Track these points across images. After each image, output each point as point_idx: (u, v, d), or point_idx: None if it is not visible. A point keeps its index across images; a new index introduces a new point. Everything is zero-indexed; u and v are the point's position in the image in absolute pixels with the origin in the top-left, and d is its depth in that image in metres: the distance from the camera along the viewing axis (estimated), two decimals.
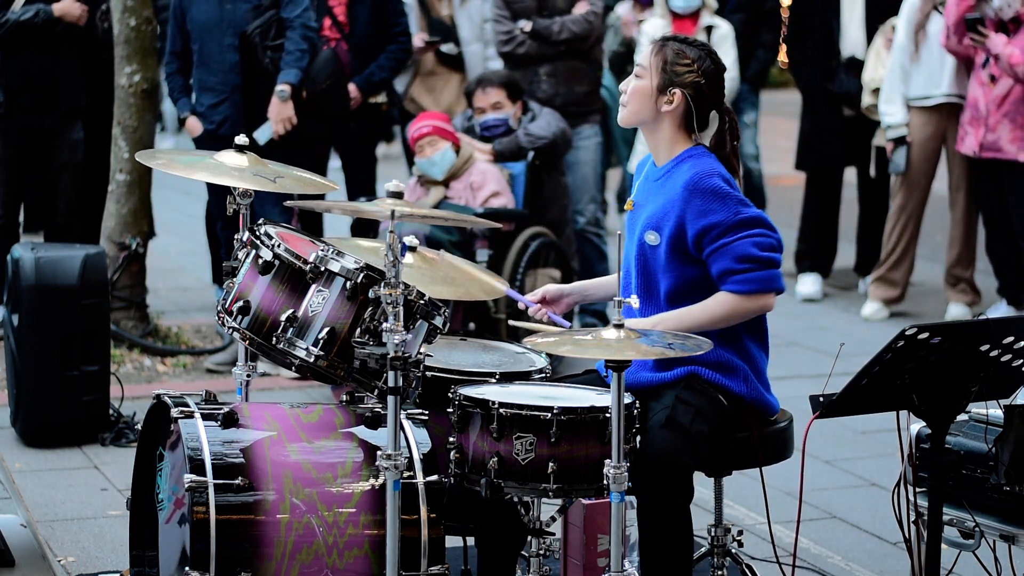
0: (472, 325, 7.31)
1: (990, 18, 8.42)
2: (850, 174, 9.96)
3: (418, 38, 8.74)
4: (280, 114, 7.67)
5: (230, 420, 4.18)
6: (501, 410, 4.10)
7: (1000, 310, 8.81)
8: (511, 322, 4.94)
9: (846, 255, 10.18)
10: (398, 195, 4.21)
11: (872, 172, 9.67)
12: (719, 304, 4.39)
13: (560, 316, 4.70)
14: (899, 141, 9.03)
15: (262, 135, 7.66)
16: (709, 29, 9.30)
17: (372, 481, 4.16)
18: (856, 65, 9.36)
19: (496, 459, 4.10)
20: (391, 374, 3.98)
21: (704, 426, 4.29)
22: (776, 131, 16.29)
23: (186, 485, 4.02)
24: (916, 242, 9.14)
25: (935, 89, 8.90)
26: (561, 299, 4.73)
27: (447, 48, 8.85)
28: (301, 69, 7.71)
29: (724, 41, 9.28)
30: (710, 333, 4.35)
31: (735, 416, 4.42)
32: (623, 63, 10.65)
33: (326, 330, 4.20)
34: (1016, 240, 8.65)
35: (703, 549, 4.71)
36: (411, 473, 4.17)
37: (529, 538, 4.45)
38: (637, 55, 9.19)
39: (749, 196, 4.72)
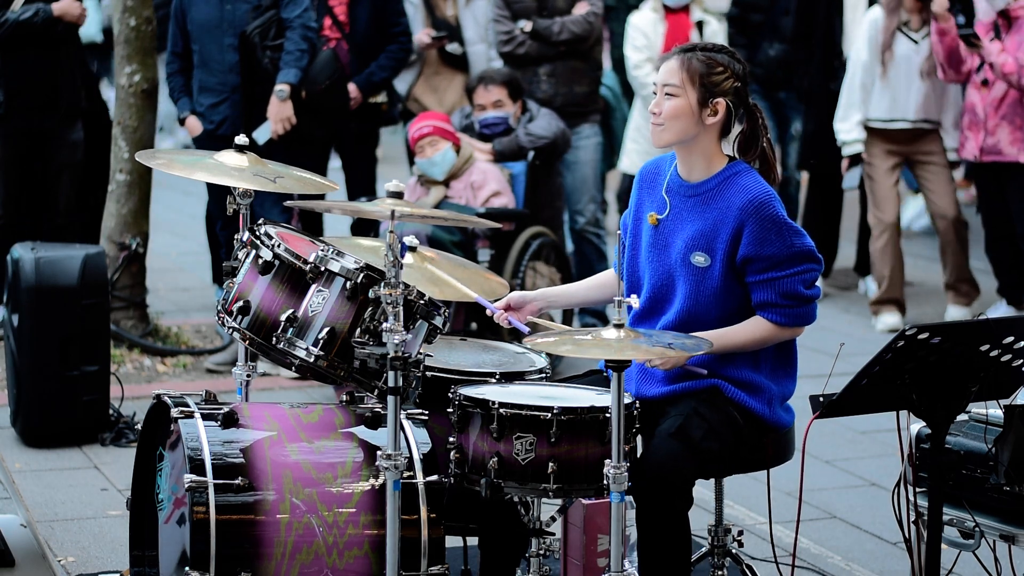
0: (474, 325, 7.31)
1: (982, 22, 8.42)
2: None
3: (423, 34, 8.75)
4: (279, 114, 7.67)
5: (230, 420, 4.18)
6: (501, 410, 4.09)
7: (1000, 310, 8.81)
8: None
9: (846, 255, 10.18)
10: (398, 195, 4.21)
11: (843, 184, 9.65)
12: (755, 329, 4.39)
13: (522, 322, 4.66)
14: (854, 159, 8.97)
15: (261, 135, 7.66)
16: (700, 24, 9.28)
17: (372, 481, 4.16)
18: None
19: (496, 459, 4.09)
20: (391, 374, 3.98)
21: (714, 444, 4.28)
22: None
23: (186, 485, 4.02)
24: (901, 257, 9.07)
25: (899, 114, 8.78)
26: (525, 306, 4.69)
27: (451, 48, 8.84)
28: (300, 69, 7.71)
29: (715, 37, 9.26)
30: (741, 354, 4.39)
31: (750, 434, 4.41)
32: None
33: (326, 330, 4.19)
34: (1018, 242, 8.65)
35: (703, 549, 4.71)
36: (411, 473, 4.17)
37: (529, 538, 4.45)
38: (641, 63, 9.15)
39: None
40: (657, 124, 4.40)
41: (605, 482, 3.97)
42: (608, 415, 4.03)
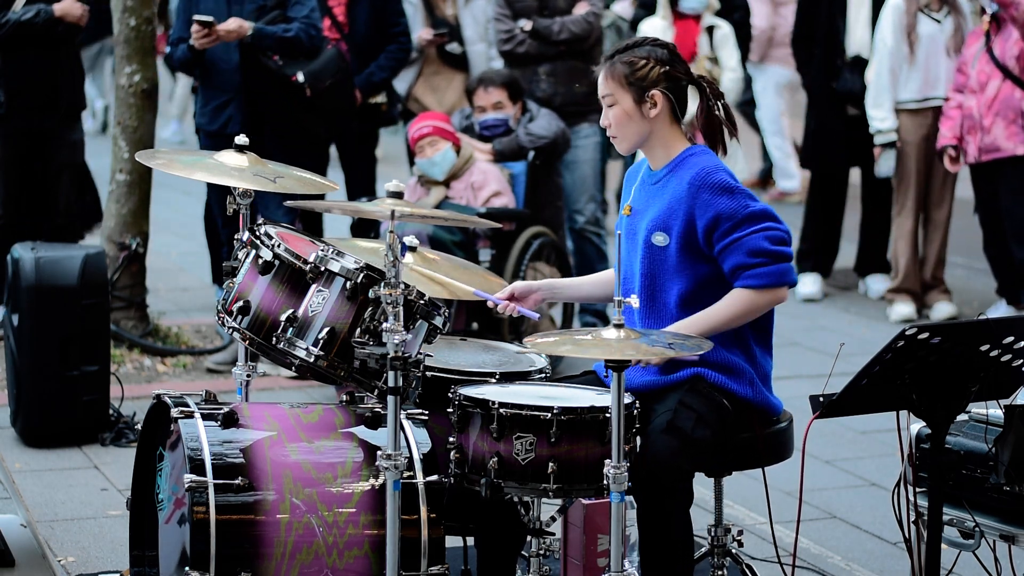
0: (475, 325, 7.31)
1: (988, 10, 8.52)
2: (853, 173, 9.95)
3: (425, 32, 8.75)
4: (228, 25, 7.52)
5: (230, 420, 4.18)
6: (501, 410, 4.10)
7: (1000, 310, 8.82)
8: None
9: (846, 255, 10.18)
10: (398, 195, 4.21)
11: (876, 172, 9.67)
12: (735, 301, 4.37)
13: (529, 310, 4.68)
14: (888, 145, 9.03)
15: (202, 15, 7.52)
16: (710, 29, 9.29)
17: (372, 481, 4.16)
18: (861, 64, 9.35)
19: (496, 459, 4.10)
20: (391, 374, 3.98)
21: (706, 431, 4.28)
22: None
23: (186, 485, 4.02)
24: (932, 242, 9.18)
25: (932, 91, 8.93)
26: (529, 295, 4.70)
27: (451, 48, 8.85)
28: (278, 36, 7.57)
29: (726, 41, 9.28)
30: (716, 336, 4.36)
31: (739, 419, 4.41)
32: None
33: (326, 330, 4.19)
34: (1007, 241, 8.68)
35: (703, 549, 4.71)
36: (411, 473, 4.17)
37: (529, 538, 4.45)
38: None
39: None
40: (613, 136, 4.49)
41: (605, 482, 3.97)
42: (608, 415, 4.03)
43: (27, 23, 7.86)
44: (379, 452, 4.03)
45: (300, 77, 7.70)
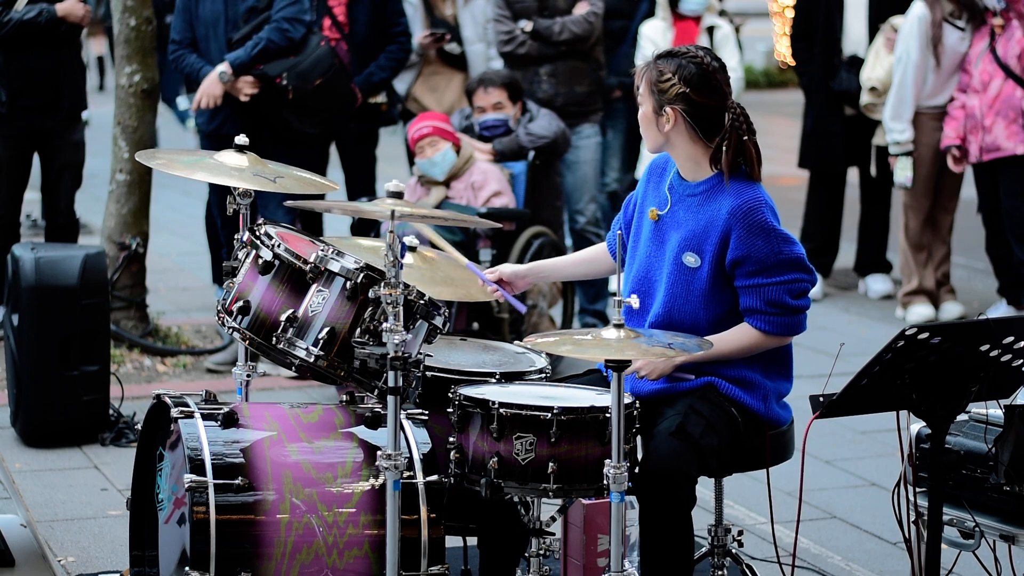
0: (476, 325, 7.31)
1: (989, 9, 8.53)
2: (851, 173, 9.96)
3: (422, 36, 8.74)
4: (207, 89, 7.60)
5: (230, 420, 4.18)
6: (501, 410, 4.10)
7: (1000, 310, 8.82)
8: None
9: (846, 255, 10.18)
10: (398, 195, 4.21)
11: (873, 172, 9.67)
12: (741, 336, 4.39)
13: (515, 296, 4.68)
14: (904, 154, 9.02)
15: (183, 101, 7.59)
16: (711, 30, 9.28)
17: (372, 481, 4.16)
18: (858, 63, 9.36)
19: (496, 459, 4.10)
20: (391, 374, 3.98)
21: (714, 440, 4.28)
22: (776, 131, 16.30)
23: (186, 485, 4.02)
24: (939, 243, 9.19)
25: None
26: (518, 280, 4.72)
27: (450, 48, 8.85)
28: (253, 56, 7.59)
29: (727, 41, 9.27)
30: None
31: (748, 431, 4.41)
32: None
33: (326, 330, 4.20)
34: (1008, 240, 8.68)
35: (703, 549, 4.72)
36: (411, 473, 4.17)
37: (529, 538, 4.45)
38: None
39: None
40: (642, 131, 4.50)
41: (605, 482, 3.97)
42: (608, 415, 4.03)
43: (29, 23, 7.86)
44: (379, 452, 4.03)
45: (284, 80, 7.68)
